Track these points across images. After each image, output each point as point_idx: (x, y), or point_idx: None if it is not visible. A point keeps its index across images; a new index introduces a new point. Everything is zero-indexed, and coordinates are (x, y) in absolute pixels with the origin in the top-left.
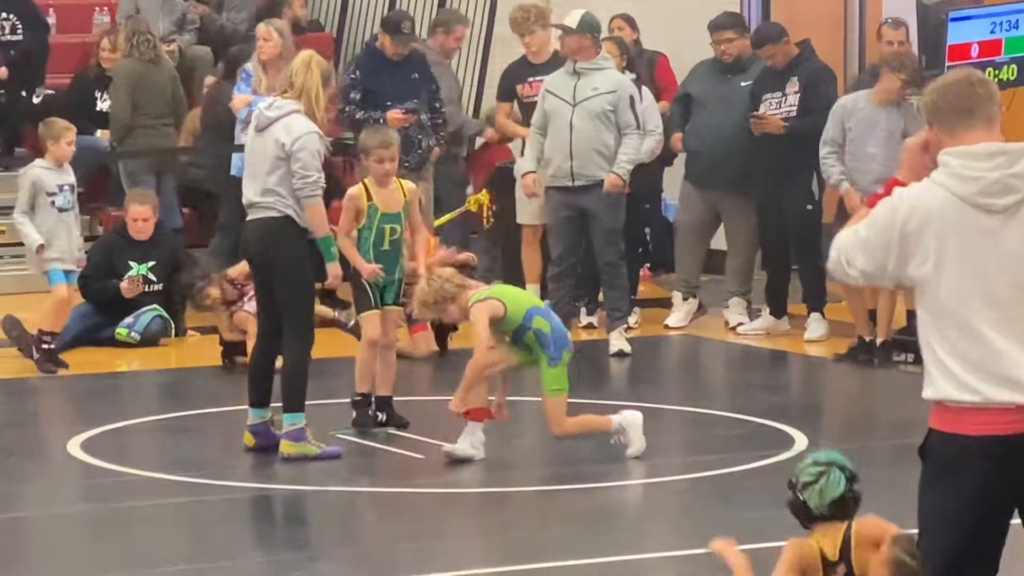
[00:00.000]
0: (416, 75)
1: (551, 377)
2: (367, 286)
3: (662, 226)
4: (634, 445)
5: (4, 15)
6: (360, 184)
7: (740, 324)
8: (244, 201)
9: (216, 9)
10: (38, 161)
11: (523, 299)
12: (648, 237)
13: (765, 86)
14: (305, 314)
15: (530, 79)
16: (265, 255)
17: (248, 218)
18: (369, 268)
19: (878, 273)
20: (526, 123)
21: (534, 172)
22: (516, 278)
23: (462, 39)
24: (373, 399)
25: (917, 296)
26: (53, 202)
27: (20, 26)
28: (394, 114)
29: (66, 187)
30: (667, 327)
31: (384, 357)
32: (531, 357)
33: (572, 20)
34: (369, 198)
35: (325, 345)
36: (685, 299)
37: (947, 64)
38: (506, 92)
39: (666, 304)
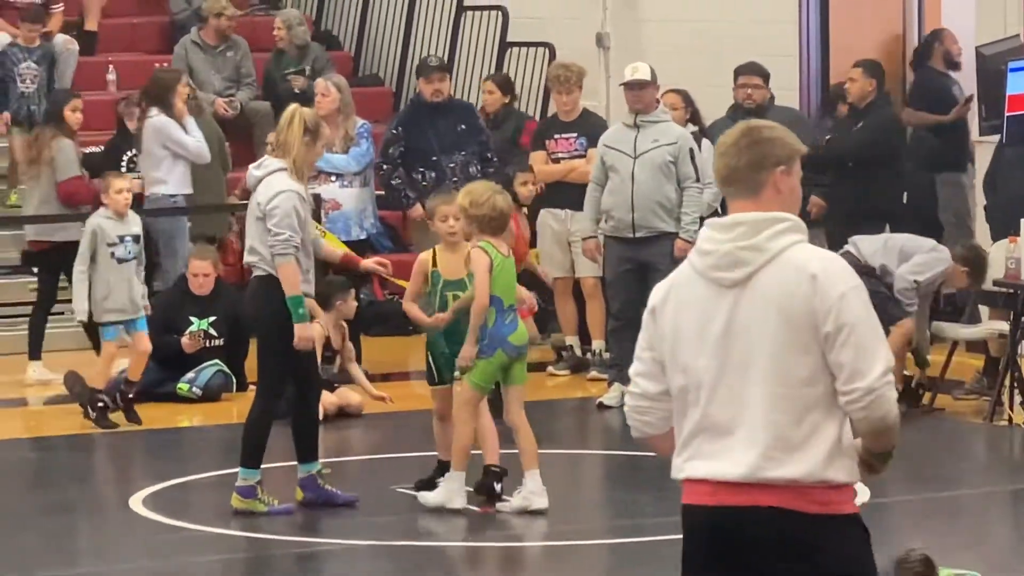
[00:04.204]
0: (463, 126)
1: (476, 367)
2: (429, 359)
3: None
4: (518, 500)
5: None
6: (431, 249)
7: None
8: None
9: (276, 66)
10: (101, 211)
11: (501, 284)
12: None
13: (841, 132)
14: (274, 373)
15: (556, 136)
16: (247, 316)
17: None
18: (432, 319)
19: (659, 373)
20: None
21: (595, 237)
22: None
23: None
24: (437, 462)
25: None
26: (113, 253)
27: None
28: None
29: (128, 238)
30: None
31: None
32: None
33: (643, 72)
34: (434, 264)
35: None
36: None
37: (1007, 114)
38: (538, 143)
39: None
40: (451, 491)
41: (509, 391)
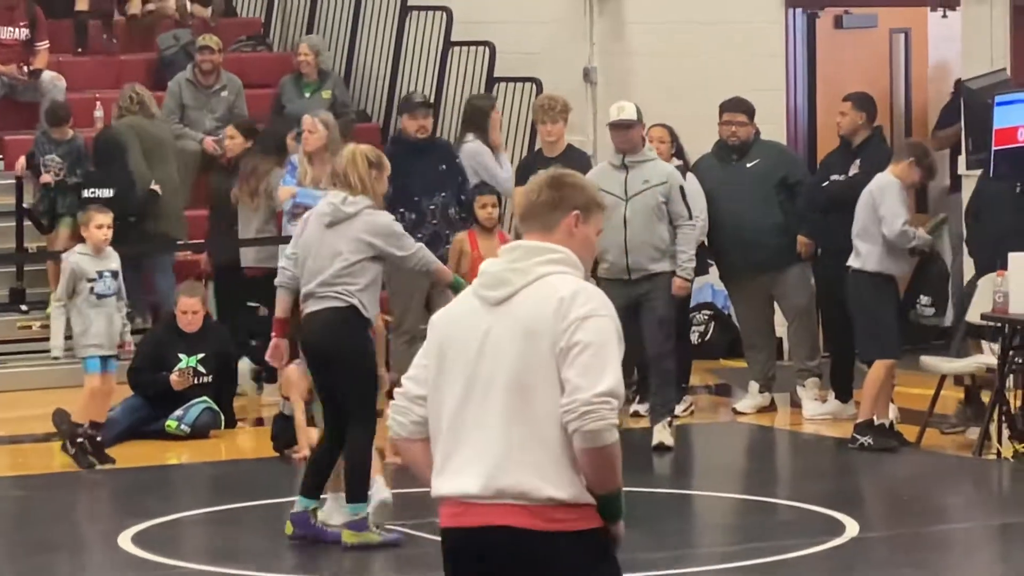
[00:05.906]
0: (444, 166)
1: None
2: None
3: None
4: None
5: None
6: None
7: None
8: (303, 291)
9: (294, 89)
10: (78, 247)
11: None
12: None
13: (833, 167)
14: (369, 402)
15: (540, 170)
16: (327, 347)
17: (306, 311)
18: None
19: (424, 379)
20: None
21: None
22: None
23: None
24: None
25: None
26: (92, 288)
27: None
28: None
29: (107, 273)
30: (735, 411)
31: None
32: None
33: (629, 112)
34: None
35: None
36: (761, 391)
37: (994, 148)
38: (522, 178)
39: (723, 391)
40: (329, 509)
41: None
